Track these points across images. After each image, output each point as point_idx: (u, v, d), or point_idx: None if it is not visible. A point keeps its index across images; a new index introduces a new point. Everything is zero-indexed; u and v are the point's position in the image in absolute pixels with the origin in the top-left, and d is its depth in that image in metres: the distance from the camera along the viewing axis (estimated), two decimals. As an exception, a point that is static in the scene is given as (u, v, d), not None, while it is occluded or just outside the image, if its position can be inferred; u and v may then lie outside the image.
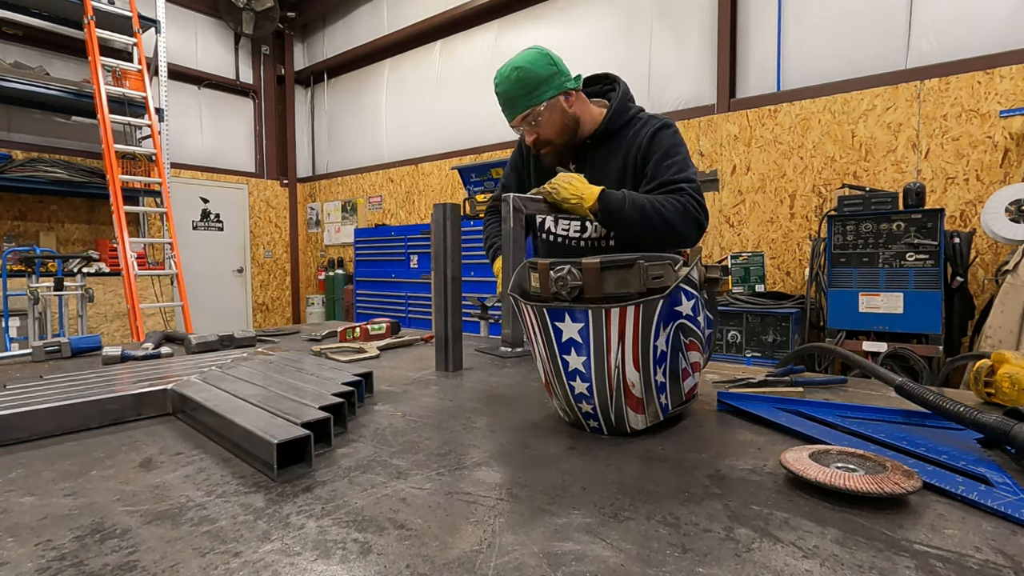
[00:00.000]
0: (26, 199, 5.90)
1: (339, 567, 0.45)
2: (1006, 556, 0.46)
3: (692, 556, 0.46)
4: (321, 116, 8.34)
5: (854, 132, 3.87)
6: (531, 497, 0.58)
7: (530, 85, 1.44)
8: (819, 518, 0.53)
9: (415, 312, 5.77)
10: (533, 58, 1.45)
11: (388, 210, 7.25)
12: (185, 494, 0.59)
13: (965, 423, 0.69)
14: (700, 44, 4.62)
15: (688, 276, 0.76)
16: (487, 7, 5.93)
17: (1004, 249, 3.25)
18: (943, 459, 0.65)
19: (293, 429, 0.66)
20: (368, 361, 1.39)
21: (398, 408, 0.94)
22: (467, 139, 6.33)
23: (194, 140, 7.42)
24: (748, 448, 0.73)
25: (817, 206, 4.03)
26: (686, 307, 0.77)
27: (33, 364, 1.35)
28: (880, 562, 0.45)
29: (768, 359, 3.49)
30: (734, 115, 4.39)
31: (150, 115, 5.41)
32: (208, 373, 0.99)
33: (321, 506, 0.56)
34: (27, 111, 5.91)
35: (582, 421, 0.80)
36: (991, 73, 3.38)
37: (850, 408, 0.87)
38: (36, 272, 4.12)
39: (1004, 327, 2.83)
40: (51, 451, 0.74)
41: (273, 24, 7.67)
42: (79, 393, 0.86)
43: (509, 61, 1.47)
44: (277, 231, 8.36)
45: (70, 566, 0.45)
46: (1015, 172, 3.31)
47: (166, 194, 5.41)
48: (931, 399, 0.74)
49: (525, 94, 1.45)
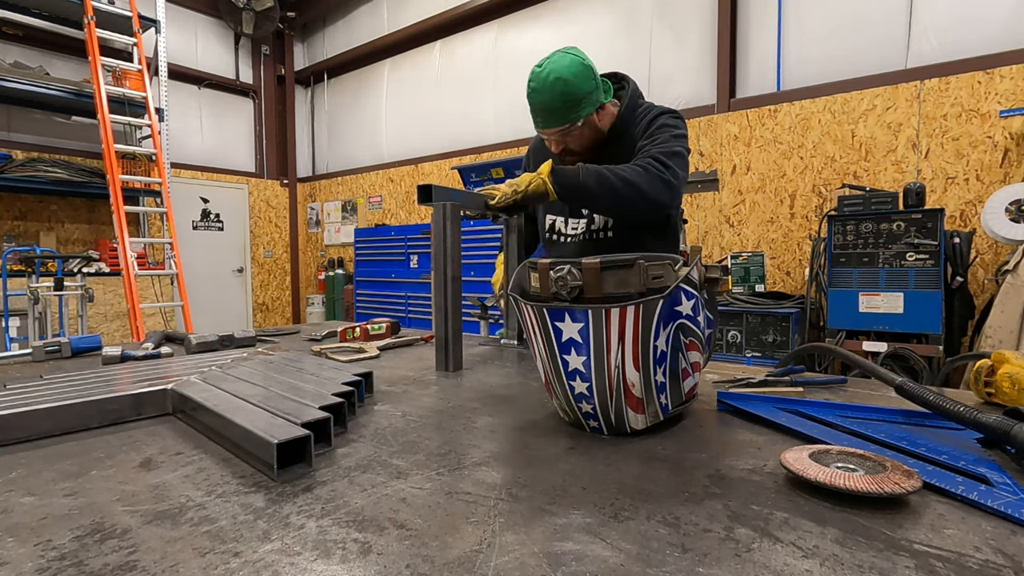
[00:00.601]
0: (26, 199, 5.90)
1: (339, 567, 0.45)
2: (1006, 556, 0.46)
3: (692, 556, 0.46)
4: (321, 116, 8.34)
5: (854, 132, 3.87)
6: (531, 497, 0.58)
7: (572, 100, 1.37)
8: (819, 518, 0.53)
9: (415, 312, 5.77)
10: (578, 71, 1.37)
11: (388, 210, 7.25)
12: (185, 494, 0.59)
13: (965, 423, 0.69)
14: (700, 44, 4.62)
15: (688, 276, 0.76)
16: (487, 7, 5.93)
17: (1004, 249, 3.25)
18: (943, 459, 0.65)
19: (293, 429, 0.66)
20: (368, 361, 1.39)
21: (398, 408, 0.94)
22: (467, 139, 6.33)
23: (194, 140, 7.42)
24: (748, 448, 0.73)
25: (817, 206, 4.03)
26: (686, 307, 0.77)
27: (33, 364, 1.35)
28: (880, 562, 0.45)
29: (768, 359, 3.49)
30: (734, 115, 4.39)
31: (150, 115, 5.41)
32: (208, 373, 0.99)
33: (321, 506, 0.56)
34: (27, 111, 5.91)
35: (582, 421, 0.80)
36: (991, 73, 3.38)
37: (850, 408, 0.87)
38: (36, 272, 4.12)
39: (1004, 327, 2.83)
40: (51, 451, 0.74)
41: (273, 24, 7.67)
42: (79, 393, 0.86)
43: (549, 65, 1.37)
44: (277, 231, 8.36)
45: (70, 566, 0.45)
46: (1015, 172, 3.31)
47: (166, 194, 5.41)
48: (931, 399, 0.73)
49: (565, 109, 1.38)
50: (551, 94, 1.37)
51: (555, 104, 1.38)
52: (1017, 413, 0.67)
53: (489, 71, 6.04)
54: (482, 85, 6.11)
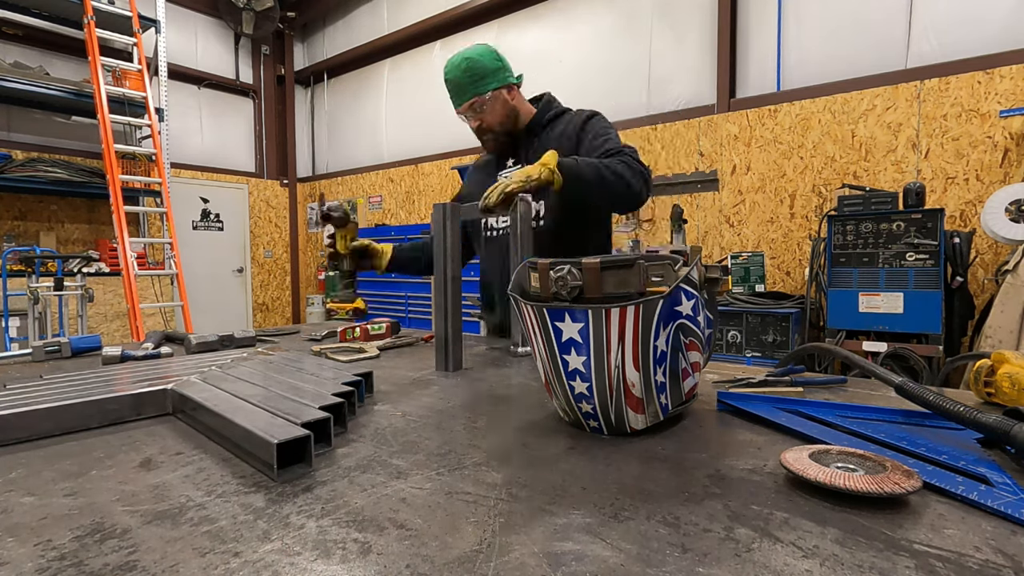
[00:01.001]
0: (26, 199, 5.90)
1: (339, 567, 0.45)
2: (1006, 556, 0.46)
3: (692, 556, 0.46)
4: (321, 116, 8.34)
5: (854, 132, 3.87)
6: (531, 497, 0.58)
7: (477, 75, 1.57)
8: (819, 518, 0.53)
9: (415, 312, 5.77)
10: (482, 51, 1.59)
11: (388, 210, 7.25)
12: (185, 494, 0.59)
13: (965, 423, 0.69)
14: (700, 44, 4.62)
15: (688, 276, 0.76)
16: (487, 7, 5.93)
17: (1004, 249, 3.25)
18: (943, 459, 0.65)
19: (293, 429, 0.66)
20: (368, 361, 1.38)
21: (398, 408, 0.94)
22: (467, 139, 6.32)
23: (194, 140, 7.42)
24: (748, 448, 0.73)
25: (817, 206, 4.03)
26: (686, 307, 0.77)
27: (33, 364, 1.35)
28: (880, 562, 0.45)
29: (768, 359, 3.49)
30: (734, 115, 4.39)
31: (150, 115, 5.41)
32: (208, 373, 0.99)
33: (321, 506, 0.56)
34: (27, 111, 5.91)
35: (582, 421, 0.80)
36: (991, 73, 3.38)
37: (850, 408, 0.87)
38: (36, 272, 4.12)
39: (1004, 327, 2.83)
40: (51, 451, 0.74)
41: (273, 24, 7.67)
42: (79, 393, 0.86)
43: (459, 52, 1.61)
44: (277, 231, 8.36)
45: (70, 566, 0.45)
46: (1015, 172, 3.31)
47: (166, 194, 5.41)
48: (931, 399, 0.73)
49: (472, 83, 1.57)
50: (457, 71, 1.58)
51: (462, 79, 1.57)
52: (1017, 413, 0.67)
53: (489, 71, 6.04)
54: (482, 85, 6.11)
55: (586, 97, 5.27)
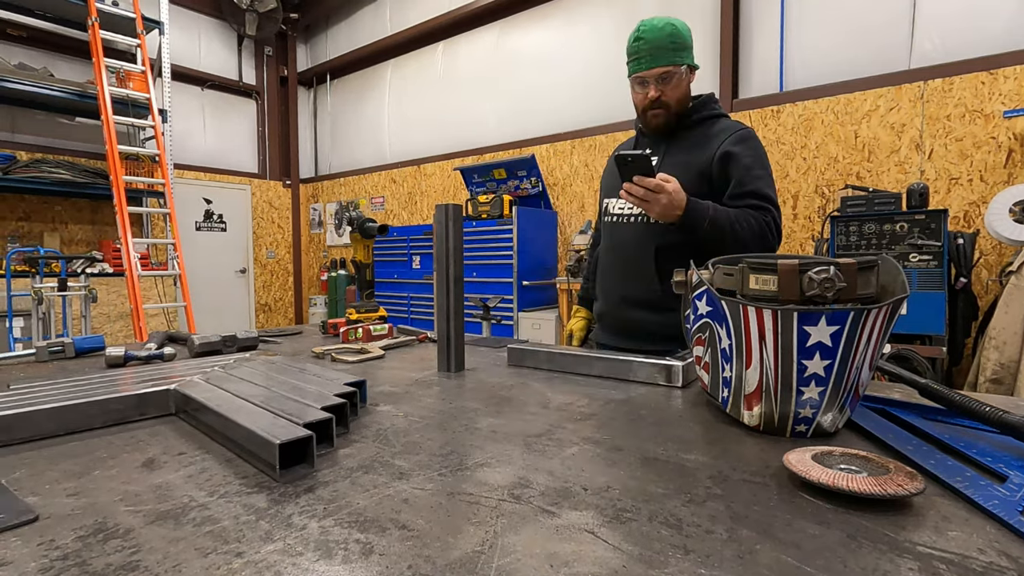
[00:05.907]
0: (30, 200, 5.92)
1: (341, 567, 0.45)
2: (1010, 559, 0.46)
3: (694, 557, 0.46)
4: (324, 117, 8.36)
5: (857, 132, 3.86)
6: (533, 498, 0.58)
7: (679, 44, 1.50)
8: (822, 520, 0.53)
9: (417, 313, 5.77)
10: (682, 24, 1.52)
11: (390, 211, 7.25)
12: (188, 494, 0.59)
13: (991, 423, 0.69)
14: (702, 44, 4.62)
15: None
16: (489, 8, 5.93)
17: (1008, 250, 3.23)
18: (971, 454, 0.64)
19: (295, 429, 0.66)
20: (370, 362, 1.39)
21: (400, 409, 0.94)
22: (470, 140, 6.33)
23: (197, 141, 7.44)
24: (751, 449, 0.73)
25: (820, 207, 4.03)
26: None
27: (37, 364, 1.36)
28: (883, 564, 0.45)
29: (771, 360, 3.48)
30: (737, 115, 4.38)
31: (153, 116, 5.42)
32: (211, 373, 1.00)
33: (323, 506, 0.56)
34: (31, 112, 5.93)
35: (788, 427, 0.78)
36: (995, 73, 3.37)
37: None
38: (40, 273, 4.14)
39: (1008, 328, 2.82)
40: (54, 451, 0.74)
41: (276, 25, 7.68)
42: (82, 393, 0.86)
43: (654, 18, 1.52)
44: (280, 232, 8.37)
45: (73, 566, 0.45)
46: (1019, 173, 3.29)
47: (169, 195, 5.43)
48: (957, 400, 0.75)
49: (673, 50, 1.49)
50: (661, 34, 1.49)
51: (664, 43, 1.49)
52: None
53: (492, 72, 6.04)
54: (485, 86, 6.11)
55: (589, 99, 5.27)
